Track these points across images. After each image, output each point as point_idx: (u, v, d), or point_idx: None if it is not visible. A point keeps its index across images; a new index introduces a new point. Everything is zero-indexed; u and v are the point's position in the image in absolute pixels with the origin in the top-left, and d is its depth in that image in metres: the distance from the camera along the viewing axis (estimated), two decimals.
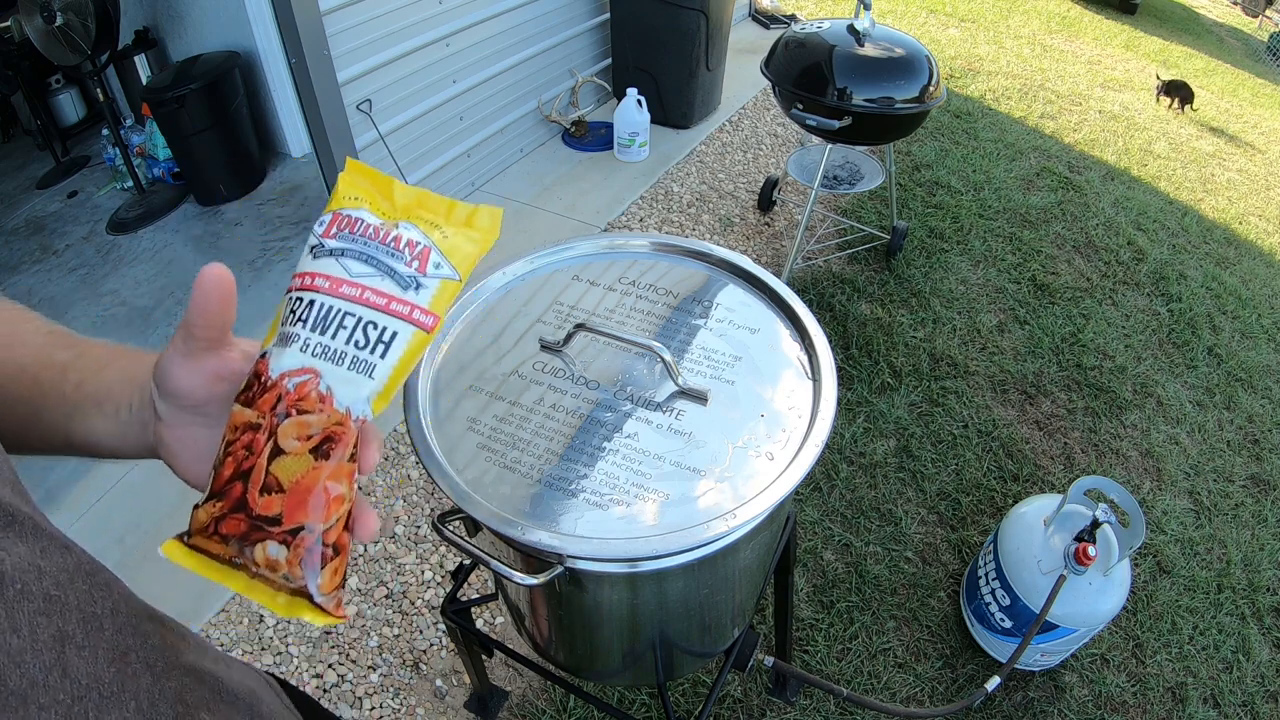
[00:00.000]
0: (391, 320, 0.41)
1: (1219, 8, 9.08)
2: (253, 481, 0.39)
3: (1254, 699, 1.67)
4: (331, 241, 0.42)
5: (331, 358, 0.40)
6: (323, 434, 0.39)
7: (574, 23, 3.28)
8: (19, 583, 0.32)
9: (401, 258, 0.42)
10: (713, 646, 0.99)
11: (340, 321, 0.41)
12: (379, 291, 0.41)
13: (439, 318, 0.42)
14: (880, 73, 2.15)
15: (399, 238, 0.43)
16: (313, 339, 0.40)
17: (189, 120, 2.77)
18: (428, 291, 0.42)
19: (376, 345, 0.41)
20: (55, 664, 0.32)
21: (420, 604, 1.66)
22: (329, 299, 0.41)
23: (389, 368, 0.41)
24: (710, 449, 0.73)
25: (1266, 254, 3.33)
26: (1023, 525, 1.53)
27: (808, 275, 2.70)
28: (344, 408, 0.40)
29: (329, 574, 0.39)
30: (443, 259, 0.43)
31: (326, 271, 0.42)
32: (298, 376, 0.40)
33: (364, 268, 0.42)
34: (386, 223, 0.43)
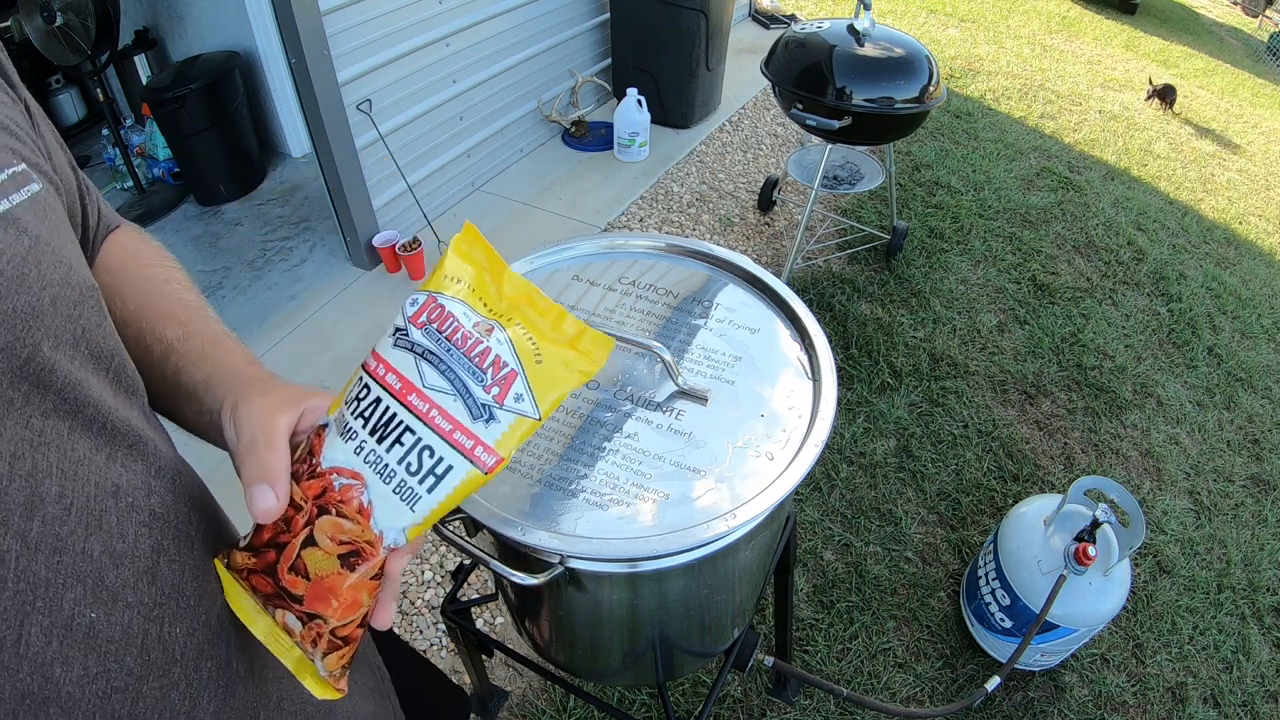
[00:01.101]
0: (450, 452, 0.38)
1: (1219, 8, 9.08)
2: (284, 557, 0.39)
3: (1254, 699, 1.67)
4: (418, 333, 0.39)
5: (380, 471, 0.38)
6: (353, 545, 0.39)
7: (574, 23, 3.28)
8: (131, 496, 0.37)
9: (482, 379, 0.38)
10: (713, 646, 0.99)
11: (399, 436, 0.38)
12: (447, 415, 0.38)
13: (503, 459, 0.39)
14: (880, 73, 2.15)
15: (487, 352, 0.38)
16: (368, 444, 0.39)
17: (189, 120, 2.77)
18: (499, 427, 0.39)
19: (427, 476, 0.38)
20: (148, 570, 0.37)
21: (420, 604, 1.66)
22: (395, 404, 0.38)
23: (432, 504, 0.39)
24: (710, 449, 0.73)
25: (1266, 254, 3.33)
26: (1023, 525, 1.53)
27: (808, 275, 2.70)
28: (379, 530, 0.39)
29: (334, 659, 0.40)
30: (526, 390, 0.39)
31: (401, 370, 0.39)
32: (345, 478, 0.39)
33: (440, 380, 0.38)
34: (481, 322, 0.39)
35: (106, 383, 0.38)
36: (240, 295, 2.52)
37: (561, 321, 0.41)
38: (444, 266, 0.40)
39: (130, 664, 0.35)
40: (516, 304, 0.40)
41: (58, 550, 0.33)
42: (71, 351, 0.36)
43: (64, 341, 0.36)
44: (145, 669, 0.36)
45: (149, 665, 0.36)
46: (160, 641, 0.37)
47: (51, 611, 0.32)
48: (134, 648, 0.36)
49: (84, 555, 0.34)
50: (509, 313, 0.40)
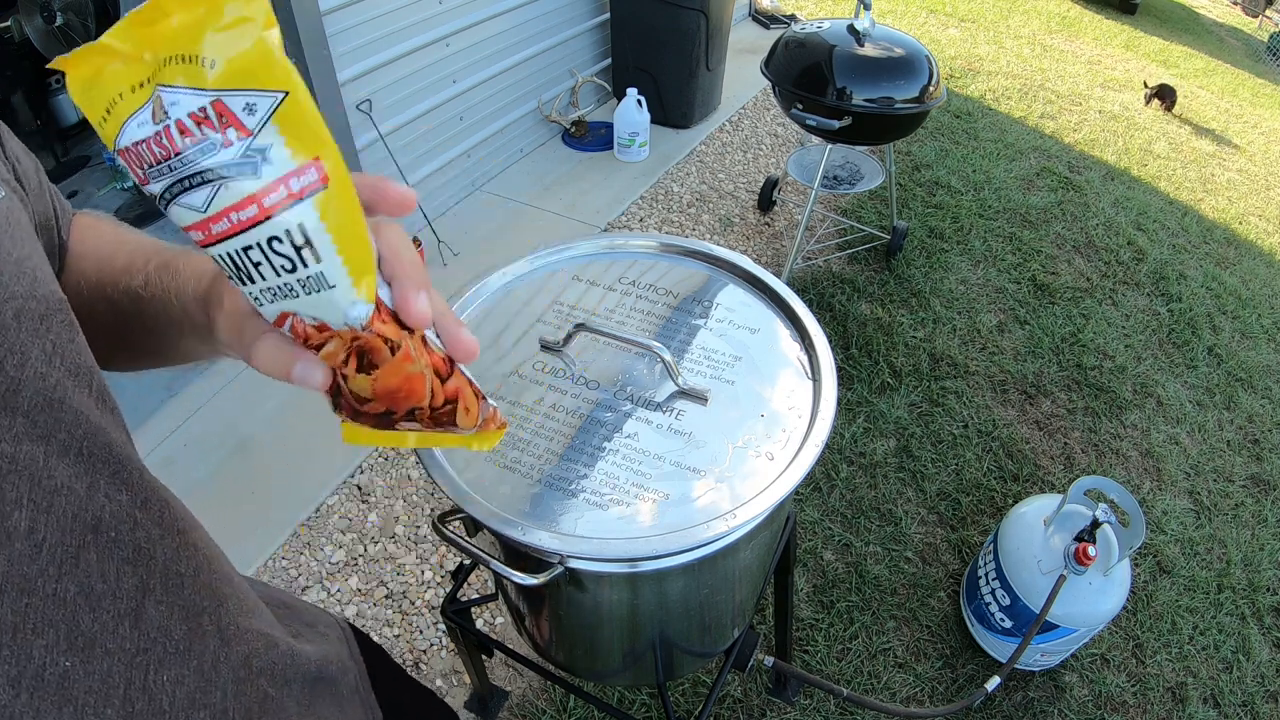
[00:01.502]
0: (283, 218, 0.30)
1: (1219, 8, 9.07)
2: (344, 398, 0.37)
3: (1254, 699, 1.67)
4: (153, 185, 0.32)
5: (285, 294, 0.33)
6: (353, 353, 0.35)
7: (574, 23, 3.28)
8: (113, 530, 0.33)
9: (210, 145, 0.29)
10: (713, 646, 0.99)
11: (250, 261, 0.32)
12: (239, 205, 0.30)
13: (319, 159, 0.31)
14: (880, 73, 2.15)
15: (181, 124, 0.29)
16: (253, 289, 0.33)
17: None
18: (276, 149, 0.30)
19: (298, 260, 0.32)
20: (130, 612, 0.34)
21: (420, 604, 1.66)
22: (219, 248, 0.32)
23: (334, 259, 0.32)
24: (710, 449, 0.73)
25: (1266, 254, 3.33)
26: (1023, 525, 1.53)
27: (808, 275, 2.70)
28: (343, 325, 0.34)
29: (461, 416, 0.38)
30: (245, 95, 0.29)
31: (189, 221, 0.32)
32: (285, 323, 0.35)
33: (200, 192, 0.31)
34: (155, 110, 0.30)
35: (90, 400, 0.36)
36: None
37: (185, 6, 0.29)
38: (88, 115, 0.31)
39: (111, 716, 0.32)
40: (144, 47, 0.30)
41: (25, 592, 0.30)
42: (44, 369, 0.33)
43: (33, 358, 0.33)
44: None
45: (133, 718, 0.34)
46: (145, 691, 0.34)
47: (19, 660, 0.30)
48: (115, 699, 0.33)
49: (55, 598, 0.31)
50: (154, 65, 0.30)
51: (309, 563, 1.72)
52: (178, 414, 2.01)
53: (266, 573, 1.69)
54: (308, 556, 1.73)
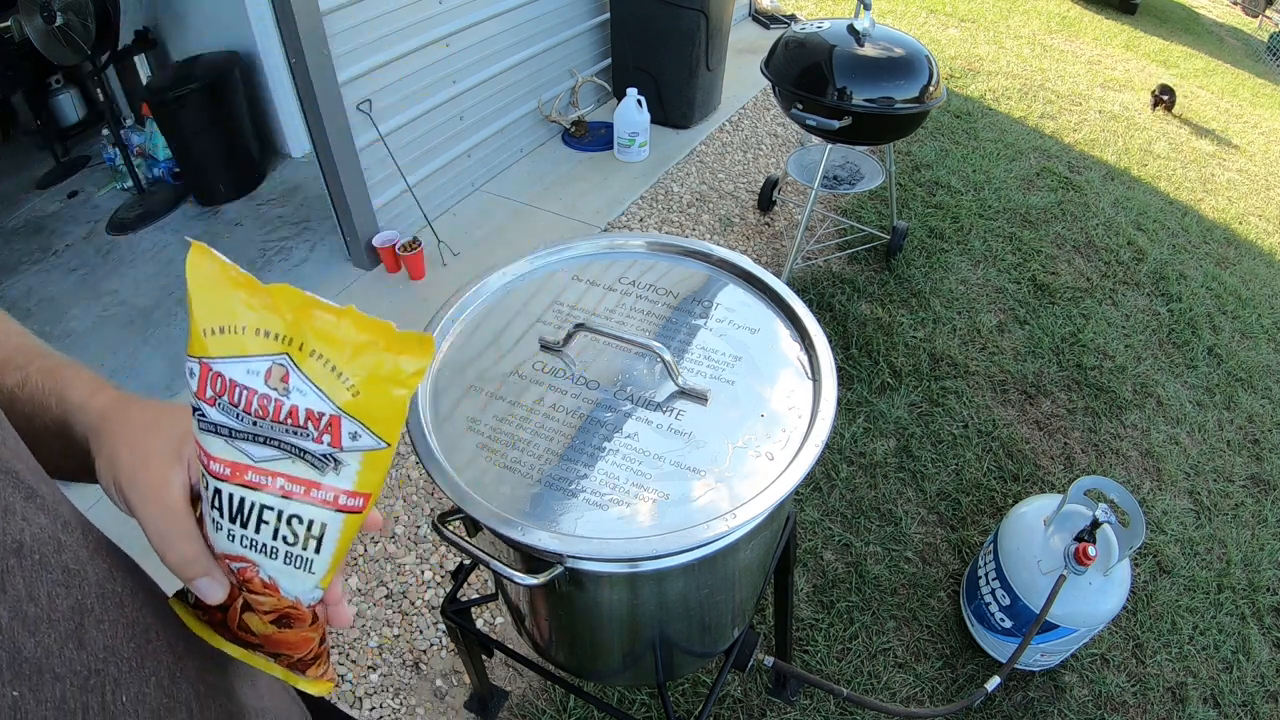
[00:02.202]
0: (317, 511, 0.35)
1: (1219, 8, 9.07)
2: (230, 618, 0.39)
3: (1254, 699, 1.67)
4: (213, 412, 0.35)
5: (263, 551, 0.36)
6: (277, 613, 0.38)
7: (574, 23, 3.28)
8: (38, 553, 0.32)
9: (308, 434, 0.34)
10: (713, 646, 0.99)
11: (259, 515, 0.35)
12: (292, 479, 0.35)
13: (369, 496, 0.36)
14: (880, 73, 2.15)
15: (295, 411, 0.33)
16: (236, 531, 0.36)
17: (189, 120, 2.77)
18: (350, 470, 0.35)
19: (307, 542, 0.36)
20: (72, 635, 0.32)
21: (420, 604, 1.66)
22: (237, 488, 0.35)
23: (326, 561, 0.37)
24: (710, 449, 0.73)
25: (1266, 254, 3.33)
26: (1023, 525, 1.53)
27: (808, 275, 2.70)
28: (292, 597, 0.38)
29: (315, 669, 0.41)
30: (359, 427, 0.34)
31: (224, 456, 0.35)
32: (237, 563, 0.37)
33: (265, 450, 0.35)
34: (272, 369, 0.33)
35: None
36: None
37: (358, 325, 0.33)
38: (196, 318, 0.34)
39: None
40: (294, 319, 0.33)
41: None
42: None
43: None
44: None
45: None
46: (105, 713, 0.32)
47: None
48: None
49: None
50: (292, 333, 0.33)
51: None
52: None
53: None
54: None
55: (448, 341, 0.86)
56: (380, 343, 0.33)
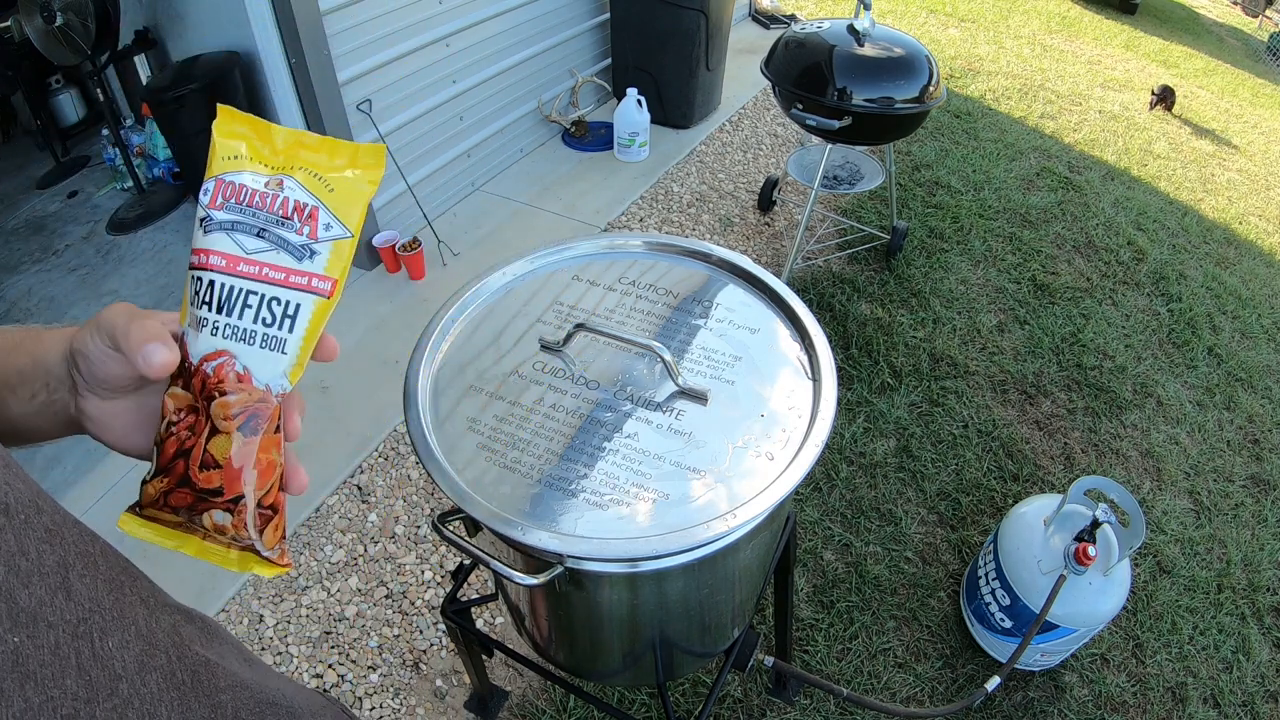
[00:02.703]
0: (293, 293, 0.42)
1: (1219, 8, 9.07)
2: (193, 459, 0.42)
3: (1254, 699, 1.67)
4: (220, 214, 0.42)
5: (242, 337, 0.42)
6: (247, 411, 0.42)
7: (574, 23, 3.28)
8: (22, 514, 0.34)
9: (292, 225, 0.42)
10: (713, 646, 0.99)
11: (244, 300, 0.42)
12: (276, 266, 0.42)
13: (336, 281, 0.44)
14: (880, 73, 2.15)
15: (286, 201, 0.42)
16: (221, 321, 0.42)
17: (189, 120, 2.77)
18: (322, 258, 0.43)
19: (283, 321, 0.42)
20: (60, 586, 0.34)
21: (420, 604, 1.66)
22: (229, 279, 0.42)
23: (298, 340, 0.43)
24: (710, 449, 0.73)
25: (1266, 254, 3.33)
26: (1023, 525, 1.53)
27: (808, 275, 2.70)
28: (263, 384, 0.43)
29: (270, 531, 0.44)
30: (332, 218, 0.43)
31: (221, 249, 0.42)
32: (214, 360, 0.42)
33: (257, 242, 0.42)
34: (271, 181, 0.43)
35: None
36: None
37: (335, 151, 0.44)
38: (216, 149, 0.43)
39: (72, 687, 0.33)
40: (291, 153, 0.44)
41: None
42: None
43: None
44: (91, 690, 0.34)
45: (94, 686, 0.34)
46: (97, 658, 0.35)
47: None
48: (70, 669, 0.33)
49: None
50: (288, 163, 0.43)
51: (309, 563, 1.72)
52: None
53: None
54: (308, 556, 1.73)
55: (448, 341, 0.86)
56: (348, 157, 0.44)
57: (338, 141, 0.44)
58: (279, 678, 0.56)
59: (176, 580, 1.66)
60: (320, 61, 2.14)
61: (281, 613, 1.63)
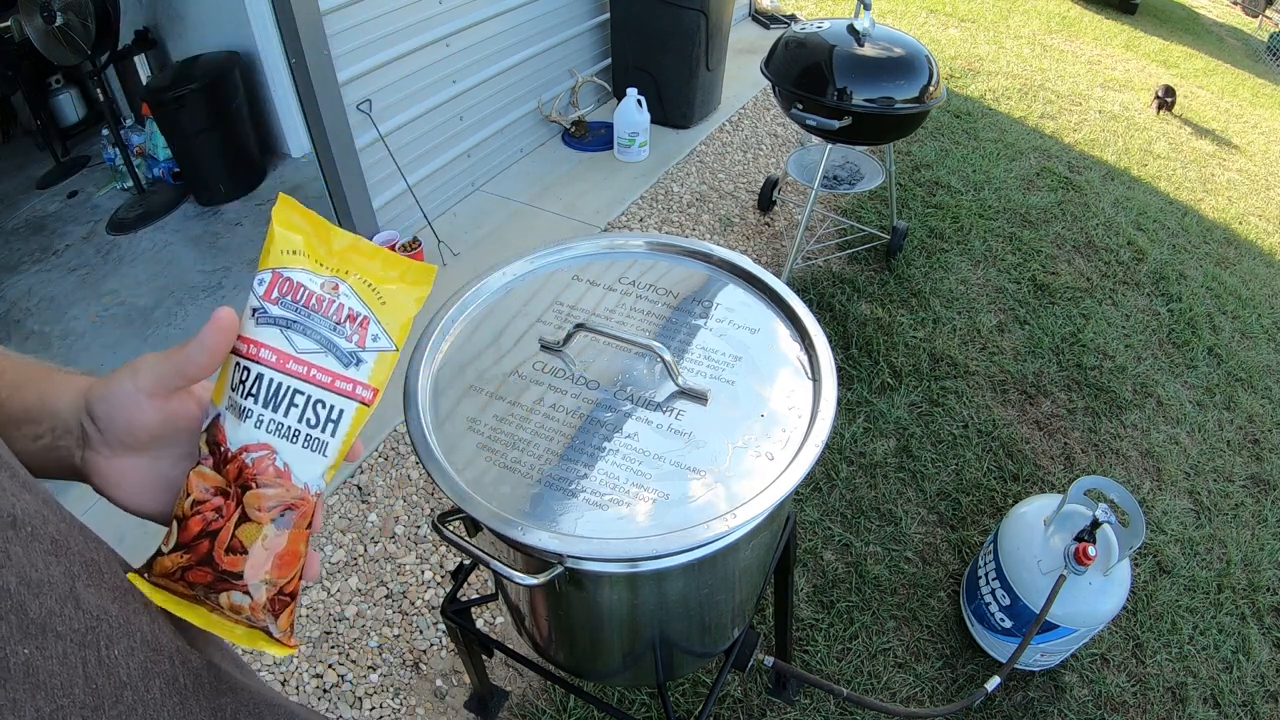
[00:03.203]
0: (337, 399, 0.44)
1: (1219, 8, 9.07)
2: (219, 542, 0.42)
3: (1254, 699, 1.67)
4: (274, 309, 0.43)
5: (286, 435, 0.43)
6: (283, 506, 0.43)
7: (574, 23, 3.28)
8: (29, 525, 0.35)
9: (343, 332, 0.44)
10: (713, 646, 0.99)
11: (290, 399, 0.43)
12: (324, 369, 0.43)
13: (378, 391, 0.45)
14: (880, 73, 2.15)
15: (341, 308, 0.44)
16: (266, 415, 0.43)
17: (189, 120, 2.77)
18: (367, 367, 0.44)
19: (326, 424, 0.44)
20: (69, 596, 0.35)
21: (420, 604, 1.66)
22: (278, 375, 0.43)
23: (339, 444, 0.44)
24: (710, 449, 0.73)
25: (1266, 254, 3.33)
26: (1023, 525, 1.53)
27: (808, 275, 2.70)
28: (302, 484, 0.44)
29: (285, 616, 0.44)
30: (381, 330, 0.45)
31: (272, 344, 0.43)
32: (256, 452, 0.43)
33: (308, 343, 0.43)
34: (326, 283, 0.44)
35: None
36: (240, 295, 2.52)
37: (388, 263, 0.46)
38: (275, 241, 0.44)
39: (80, 695, 0.34)
40: (347, 256, 0.45)
41: None
42: None
43: None
44: (98, 699, 0.35)
45: (100, 694, 0.35)
46: (103, 666, 0.36)
47: None
48: (78, 678, 0.34)
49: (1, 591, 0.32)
50: (344, 265, 0.45)
51: None
52: None
53: None
54: None
55: (448, 341, 0.86)
56: (400, 271, 0.46)
57: (392, 254, 0.46)
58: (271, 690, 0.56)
59: None
60: (320, 61, 2.14)
61: None
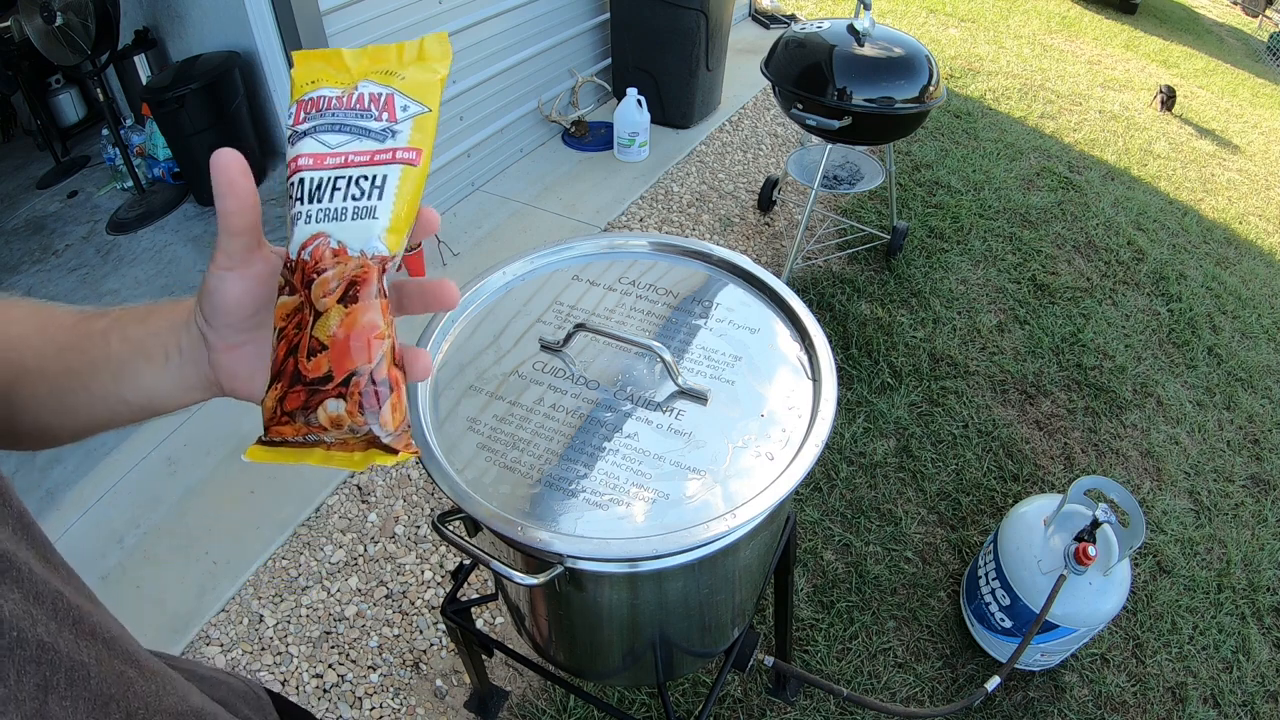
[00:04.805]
0: (378, 169, 0.43)
1: (1219, 8, 9.08)
2: (300, 351, 0.40)
3: (1254, 699, 1.67)
4: (303, 125, 0.44)
5: (334, 217, 0.42)
6: (345, 282, 0.41)
7: (574, 23, 3.28)
8: (15, 630, 0.31)
9: (370, 115, 0.43)
10: (713, 646, 0.99)
11: (333, 185, 0.42)
12: (360, 151, 0.43)
13: (422, 150, 0.43)
14: (880, 73, 2.15)
15: (361, 96, 0.44)
16: (312, 209, 0.42)
17: (189, 120, 2.77)
18: (404, 134, 0.43)
19: (371, 192, 0.42)
20: (35, 713, 0.31)
21: (420, 604, 1.66)
22: (317, 172, 0.43)
23: (389, 205, 0.42)
24: (710, 449, 0.73)
25: (1266, 254, 3.33)
26: (1023, 525, 1.53)
27: (808, 275, 2.70)
28: (358, 251, 0.41)
29: (389, 410, 0.40)
30: (408, 100, 0.44)
31: (307, 151, 0.43)
32: (310, 245, 0.42)
33: (339, 136, 0.43)
34: (346, 89, 0.44)
35: None
36: None
37: (403, 51, 0.45)
38: (295, 83, 0.45)
39: None
40: (362, 65, 0.45)
41: None
42: None
43: None
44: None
45: None
46: None
47: None
48: None
49: None
50: (362, 74, 0.44)
51: (309, 562, 1.72)
52: (179, 414, 2.01)
53: (267, 572, 1.69)
54: (308, 556, 1.73)
55: (447, 341, 0.86)
56: (416, 50, 0.45)
57: (404, 43, 0.45)
58: None
59: (175, 580, 1.66)
60: None
61: (281, 613, 1.63)
